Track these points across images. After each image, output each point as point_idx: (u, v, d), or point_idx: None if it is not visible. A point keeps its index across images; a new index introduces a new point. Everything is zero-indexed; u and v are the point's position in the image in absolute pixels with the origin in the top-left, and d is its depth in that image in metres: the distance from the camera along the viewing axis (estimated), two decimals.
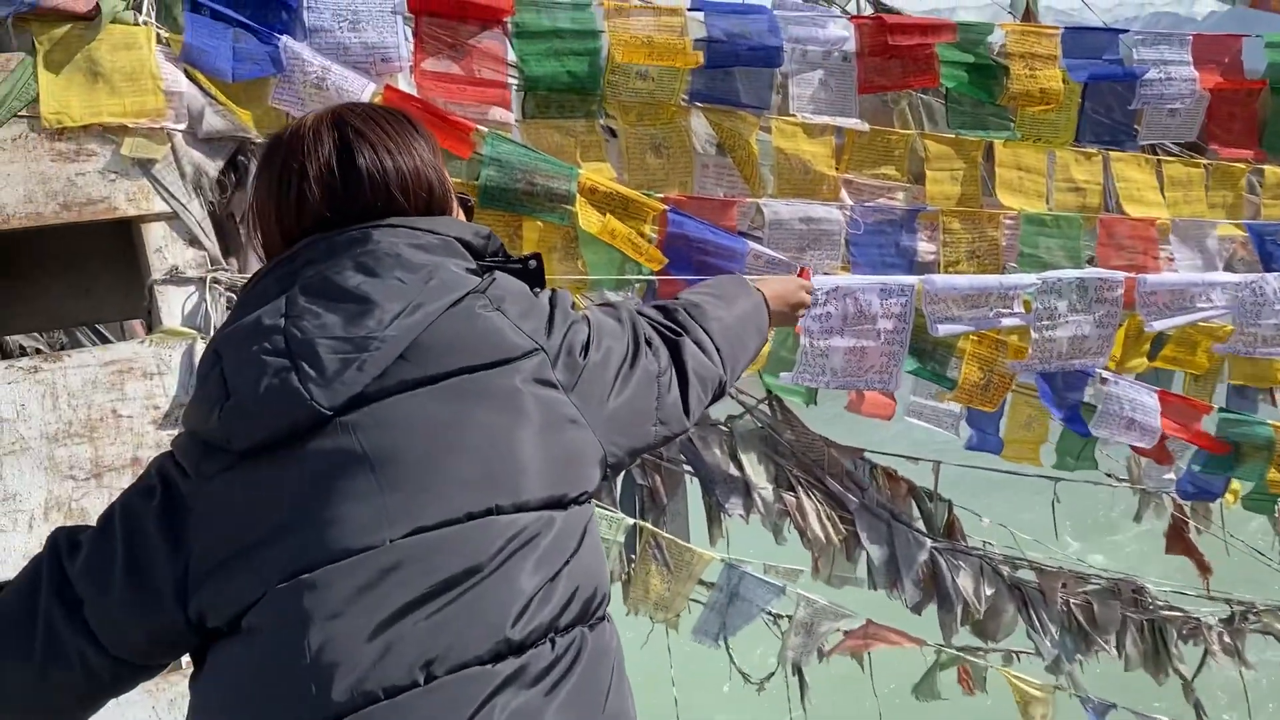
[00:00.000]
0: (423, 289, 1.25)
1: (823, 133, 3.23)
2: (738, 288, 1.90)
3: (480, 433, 1.22)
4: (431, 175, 1.35)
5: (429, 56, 2.78)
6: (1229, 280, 3.10)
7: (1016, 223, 3.32)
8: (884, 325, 2.89)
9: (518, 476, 1.22)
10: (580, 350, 1.35)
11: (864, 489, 3.52)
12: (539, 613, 1.17)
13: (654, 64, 2.99)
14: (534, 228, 2.83)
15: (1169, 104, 3.46)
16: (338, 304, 1.23)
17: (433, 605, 1.14)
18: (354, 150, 1.31)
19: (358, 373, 1.19)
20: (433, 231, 1.31)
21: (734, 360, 1.73)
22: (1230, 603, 4.65)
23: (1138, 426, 3.40)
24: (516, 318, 1.30)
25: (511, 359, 1.26)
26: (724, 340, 1.69)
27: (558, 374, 1.30)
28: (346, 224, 1.29)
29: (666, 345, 1.56)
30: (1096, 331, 3.05)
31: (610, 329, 1.46)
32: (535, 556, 1.19)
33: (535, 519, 1.21)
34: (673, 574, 3.36)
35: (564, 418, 1.29)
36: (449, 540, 1.17)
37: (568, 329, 1.35)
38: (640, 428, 1.43)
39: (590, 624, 1.24)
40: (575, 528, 1.26)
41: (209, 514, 1.19)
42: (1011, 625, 3.80)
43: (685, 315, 1.66)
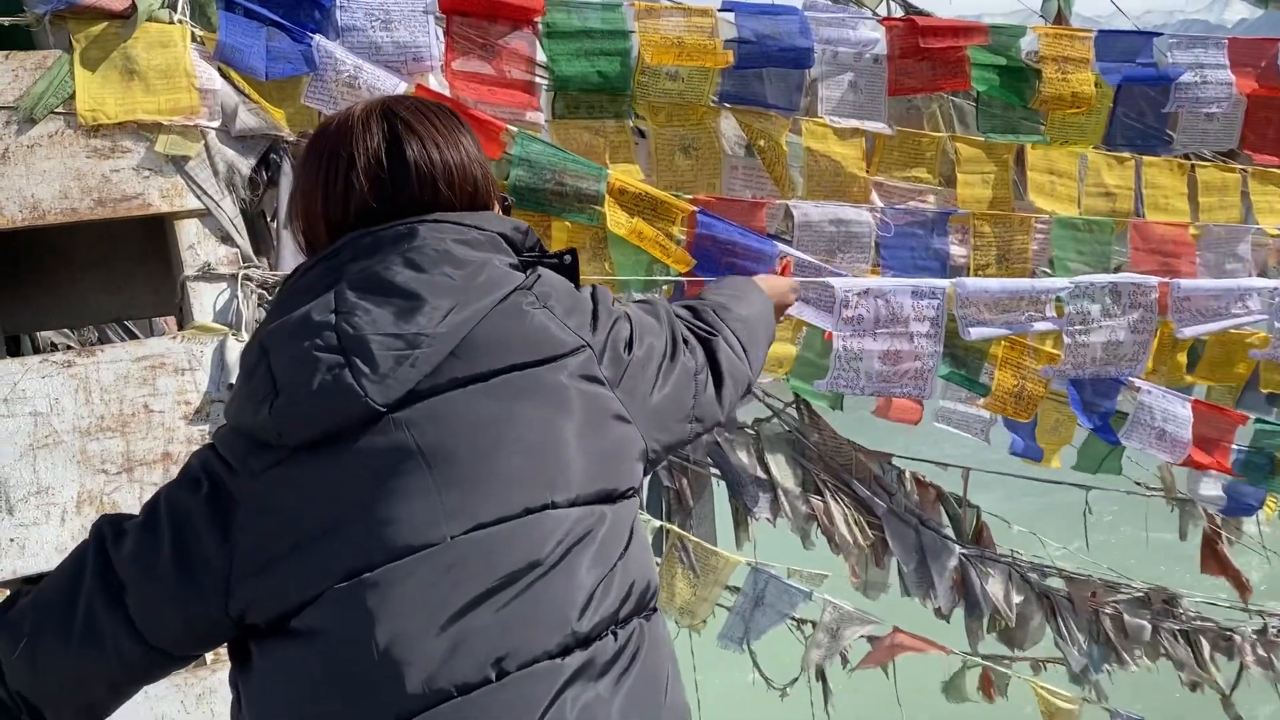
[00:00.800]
0: (471, 285, 1.25)
1: (853, 135, 3.21)
2: (750, 288, 1.92)
3: (531, 429, 1.22)
4: (476, 171, 1.35)
5: (460, 56, 2.78)
6: (1265, 286, 3.05)
7: (1047, 226, 3.29)
8: (917, 328, 2.87)
9: (569, 472, 1.22)
10: (625, 346, 1.36)
11: (892, 494, 3.49)
12: (601, 605, 1.18)
13: (684, 65, 2.99)
14: (563, 228, 2.83)
15: (1205, 108, 3.42)
16: (388, 300, 1.22)
17: (498, 600, 1.14)
18: (403, 142, 1.30)
19: (411, 369, 1.19)
20: (478, 227, 1.30)
21: (756, 359, 1.75)
22: (1264, 615, 4.59)
23: (1169, 439, 3.35)
24: (562, 314, 1.30)
25: (559, 355, 1.27)
26: (747, 339, 1.71)
27: (604, 370, 1.31)
28: (391, 217, 1.29)
29: (701, 344, 1.57)
30: (1131, 338, 3.01)
31: (650, 326, 1.46)
32: (592, 550, 1.20)
33: (588, 514, 1.22)
34: (699, 578, 3.34)
35: (610, 413, 1.29)
36: (508, 536, 1.17)
37: (612, 325, 1.36)
38: (679, 424, 1.44)
39: (646, 615, 1.25)
40: (625, 521, 1.26)
41: (258, 510, 1.18)
42: (1039, 634, 3.75)
43: (714, 315, 1.68)
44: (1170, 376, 3.76)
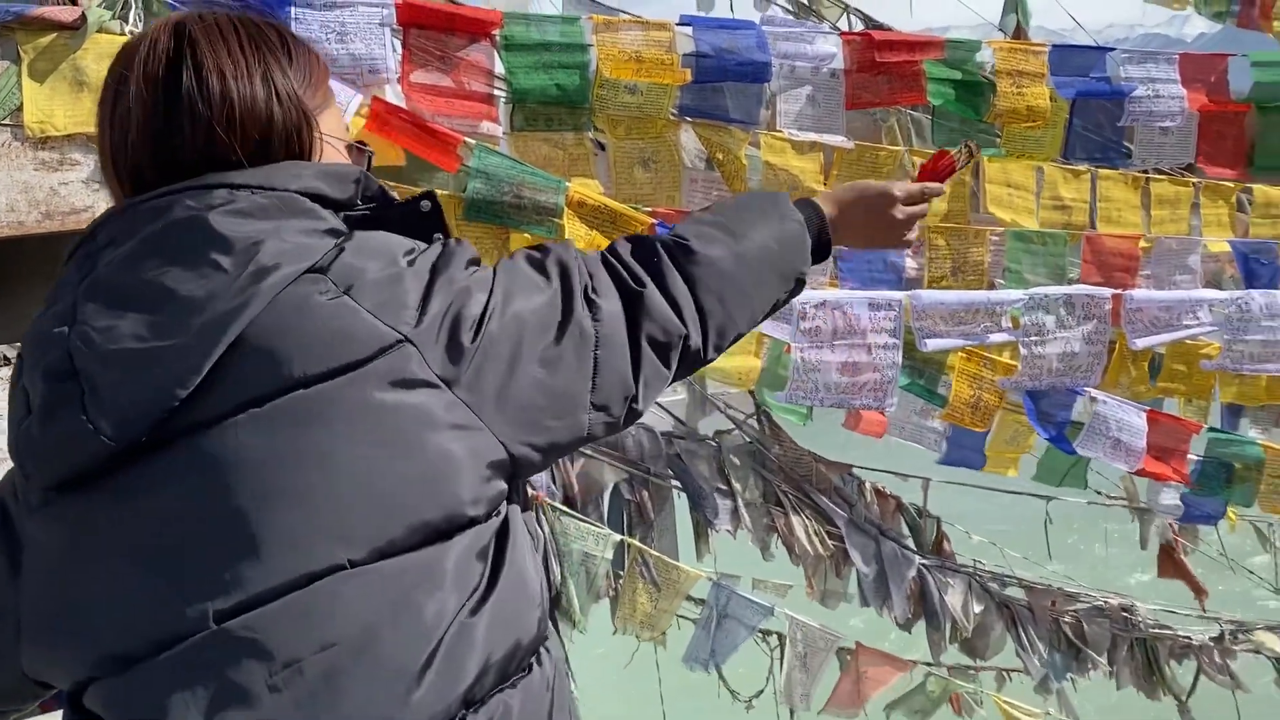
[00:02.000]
0: (240, 274, 0.94)
1: (811, 148, 3.23)
2: (764, 210, 1.39)
3: (323, 466, 0.94)
4: (277, 109, 1.03)
5: (417, 68, 2.78)
6: (1216, 297, 3.10)
7: (1001, 239, 3.33)
8: (875, 340, 2.88)
9: (375, 515, 0.94)
10: (471, 327, 1.02)
11: (852, 505, 3.51)
12: (437, 691, 0.93)
13: (642, 80, 3.00)
14: (521, 240, 2.82)
15: (1158, 121, 3.47)
16: (132, 303, 0.95)
17: (281, 701, 0.90)
18: (182, 67, 1.00)
19: (158, 395, 0.92)
20: (263, 187, 0.99)
21: (725, 315, 1.28)
22: (1220, 621, 4.65)
23: (1124, 448, 3.39)
24: (373, 300, 0.98)
25: (362, 360, 0.96)
26: (714, 289, 1.26)
27: (434, 366, 0.99)
28: (170, 170, 1.00)
29: (622, 299, 1.17)
30: (1086, 349, 3.05)
31: (525, 285, 1.10)
32: (417, 616, 0.93)
33: (407, 566, 0.95)
34: (660, 591, 3.34)
35: (444, 423, 0.99)
36: (288, 612, 0.91)
37: (453, 299, 1.02)
38: (568, 418, 1.09)
39: (515, 682, 1.00)
40: (471, 562, 0.98)
41: (32, 556, 0.98)
42: (1000, 643, 3.78)
43: (664, 256, 1.25)
44: (1134, 389, 3.81)
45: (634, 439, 3.22)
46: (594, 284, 1.16)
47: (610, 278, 1.19)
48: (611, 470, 3.12)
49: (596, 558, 2.99)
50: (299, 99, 1.06)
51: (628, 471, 3.14)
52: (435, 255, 1.06)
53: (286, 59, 1.06)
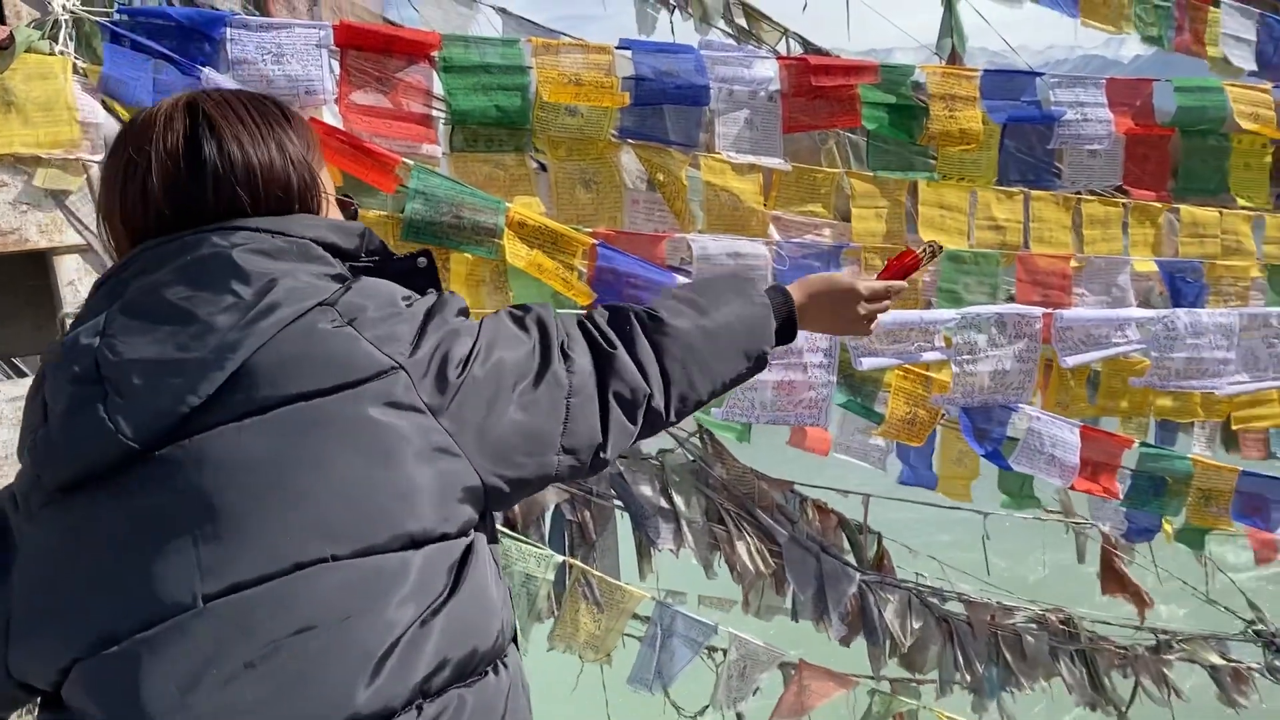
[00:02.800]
0: (259, 303, 1.08)
1: (751, 170, 3.27)
2: (733, 291, 1.53)
3: (315, 469, 1.05)
4: (293, 172, 1.19)
5: (355, 89, 2.77)
6: (1143, 315, 3.18)
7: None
8: (811, 359, 2.92)
9: (360, 517, 1.05)
10: (458, 365, 1.15)
11: (794, 522, 3.54)
12: (398, 677, 1.01)
13: (582, 103, 3.02)
14: (462, 260, 2.83)
15: (1086, 144, 3.56)
16: (159, 321, 1.07)
17: (259, 675, 0.98)
18: (201, 139, 1.15)
19: (174, 401, 1.04)
20: (282, 233, 1.14)
21: (687, 381, 1.41)
22: (1156, 632, 4.74)
23: (1058, 463, 3.46)
24: (373, 331, 1.12)
25: (359, 380, 1.09)
26: (678, 357, 1.40)
27: (423, 394, 1.11)
28: (190, 226, 1.14)
29: (594, 359, 1.32)
30: (1017, 366, 3.11)
31: (507, 338, 1.24)
32: (386, 610, 1.03)
33: (383, 565, 1.05)
34: (604, 612, 3.34)
35: (428, 446, 1.10)
36: (272, 597, 1.01)
37: (442, 339, 1.16)
38: (538, 457, 1.22)
39: (470, 682, 1.09)
40: (438, 570, 1.09)
41: (28, 556, 1.07)
42: (939, 657, 3.83)
43: (635, 324, 1.39)
44: (1074, 408, 3.89)
45: None
46: (569, 341, 1.31)
47: (584, 338, 1.34)
48: (553, 491, 3.12)
49: (538, 579, 2.99)
50: (308, 162, 1.22)
51: (569, 492, 3.14)
52: (430, 302, 1.21)
53: (290, 128, 1.22)
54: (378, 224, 2.75)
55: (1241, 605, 4.95)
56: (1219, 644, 4.87)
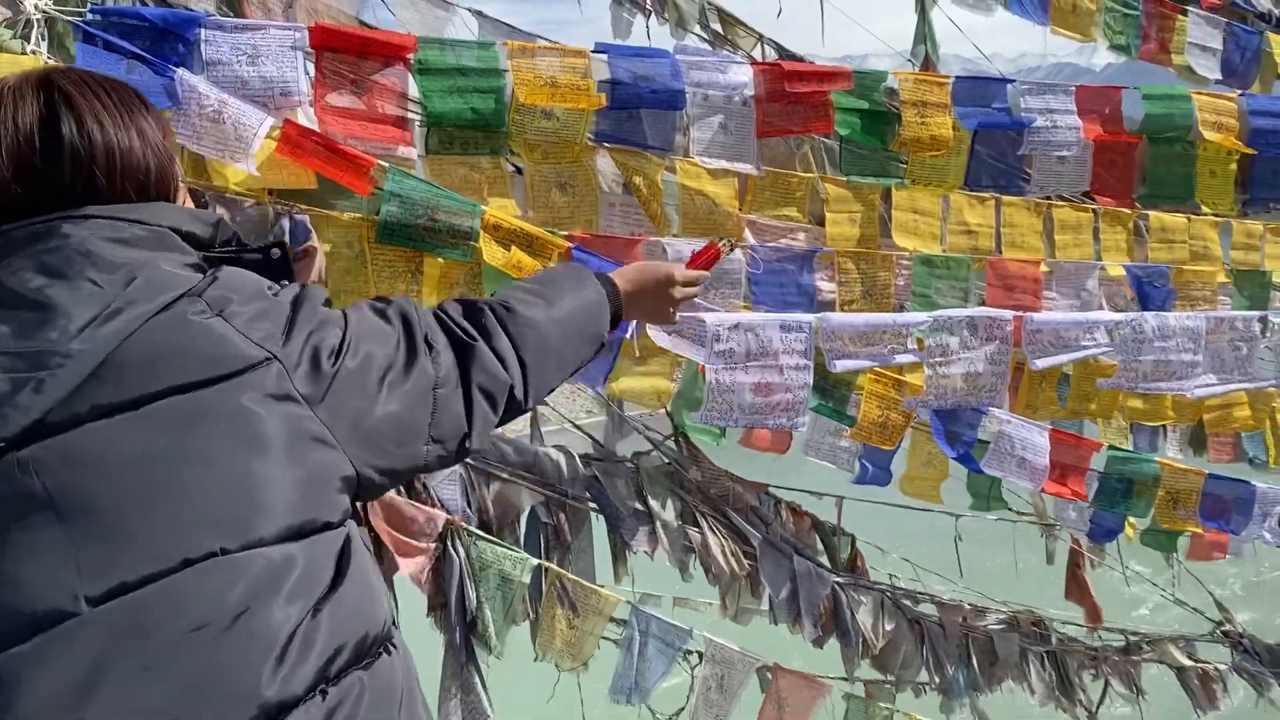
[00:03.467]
0: (121, 292, 1.05)
1: (726, 174, 3.30)
2: (573, 281, 1.62)
3: (193, 463, 1.02)
4: (152, 158, 1.17)
5: (330, 91, 2.77)
6: (1112, 319, 3.23)
7: (910, 263, 3.42)
8: (786, 361, 2.94)
9: (246, 510, 1.03)
10: (330, 356, 1.16)
11: (768, 524, 3.56)
12: (300, 665, 1.00)
13: (557, 105, 3.03)
14: (435, 264, 2.83)
15: (1056, 151, 3.61)
16: (12, 312, 1.02)
17: (157, 678, 0.94)
18: (59, 118, 1.10)
19: (34, 396, 0.99)
20: (140, 222, 1.12)
21: (542, 370, 1.47)
22: (1125, 634, 4.80)
23: (1028, 466, 3.50)
24: (244, 322, 1.10)
25: (235, 372, 1.07)
26: (534, 347, 1.46)
27: (298, 385, 1.11)
28: (43, 210, 1.09)
29: (455, 351, 1.35)
30: (989, 369, 3.14)
31: (373, 331, 1.25)
32: (280, 600, 1.02)
33: (273, 556, 1.03)
34: (579, 616, 3.34)
35: (306, 435, 1.10)
36: (164, 596, 0.97)
37: (312, 330, 1.16)
38: (408, 447, 1.24)
39: (367, 664, 1.09)
40: (326, 559, 1.09)
41: None
42: (911, 658, 3.86)
43: (490, 317, 1.43)
44: (1046, 410, 3.94)
45: (551, 461, 3.23)
46: (430, 335, 1.33)
47: (444, 331, 1.36)
48: (528, 493, 3.13)
49: (513, 582, 2.99)
50: (167, 149, 1.21)
51: (544, 494, 3.15)
52: (295, 293, 1.20)
53: (148, 112, 1.19)
54: (352, 227, 2.75)
55: (1210, 606, 5.03)
56: (1187, 645, 4.94)
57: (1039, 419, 3.72)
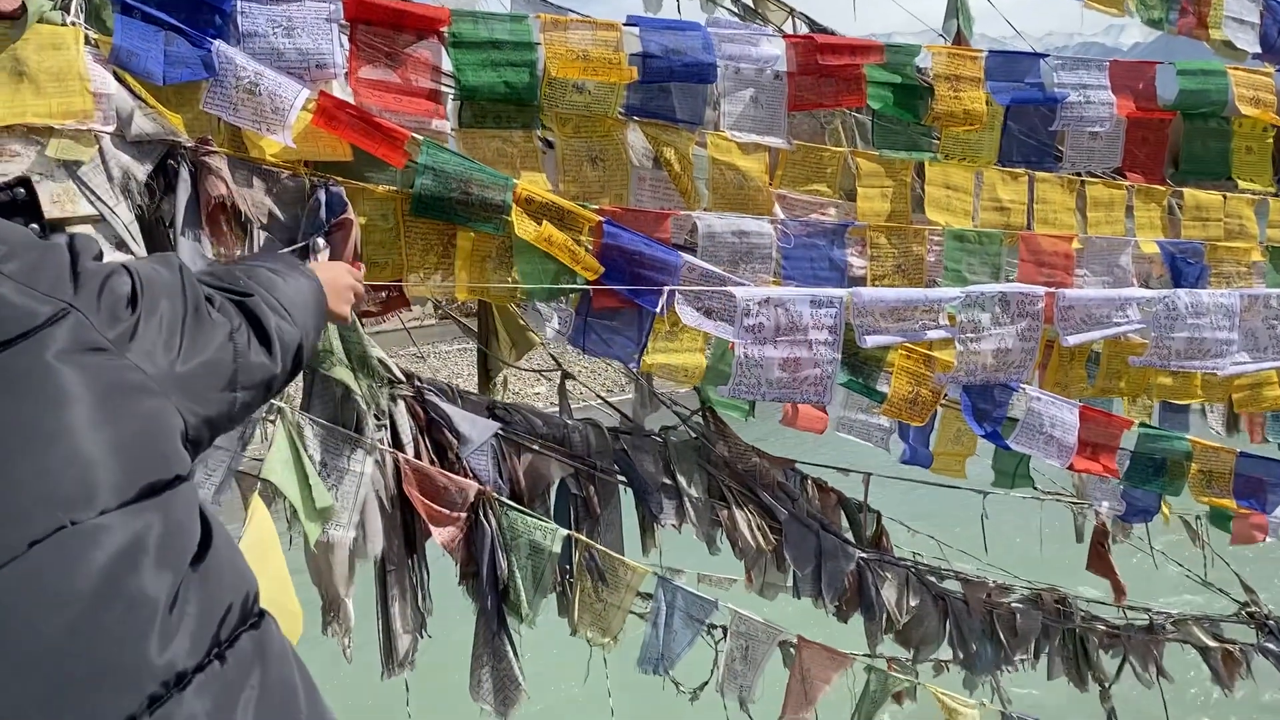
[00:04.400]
0: None
1: (757, 148, 3.29)
2: (291, 268, 1.60)
3: (20, 435, 0.92)
4: None
5: (365, 64, 2.78)
6: (1144, 295, 3.21)
7: (942, 238, 3.41)
8: (816, 336, 2.94)
9: (84, 476, 0.93)
10: (126, 303, 1.07)
11: (794, 499, 3.57)
12: (189, 630, 0.92)
13: (589, 79, 3.02)
14: (468, 237, 2.84)
15: (1089, 126, 3.57)
16: None
17: (32, 673, 0.84)
18: None
19: None
20: None
21: (290, 344, 1.42)
22: (1149, 613, 4.79)
23: (1056, 443, 3.49)
24: (25, 275, 0.98)
25: (33, 329, 0.95)
26: (282, 311, 1.43)
27: (103, 332, 1.02)
28: None
29: (235, 305, 1.32)
30: (1019, 345, 3.14)
31: (161, 282, 1.17)
32: (149, 564, 0.93)
33: (132, 518, 0.94)
34: (608, 587, 3.37)
35: (128, 385, 1.02)
36: (18, 582, 0.87)
37: (104, 279, 1.07)
38: (223, 394, 1.19)
39: (254, 624, 1.03)
40: (188, 514, 1.01)
41: None
42: (934, 634, 3.87)
43: (247, 280, 1.41)
44: (1074, 389, 3.92)
45: (581, 434, 3.25)
46: (208, 291, 1.29)
47: (214, 289, 1.32)
48: (558, 465, 3.15)
49: (544, 551, 3.01)
50: None
51: (574, 466, 3.17)
52: (66, 240, 1.10)
53: None
54: (387, 199, 2.76)
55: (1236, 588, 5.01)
56: (1212, 625, 4.93)
57: (1068, 397, 3.71)
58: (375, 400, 2.72)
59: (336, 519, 2.64)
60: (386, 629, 2.87)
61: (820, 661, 3.69)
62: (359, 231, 2.65)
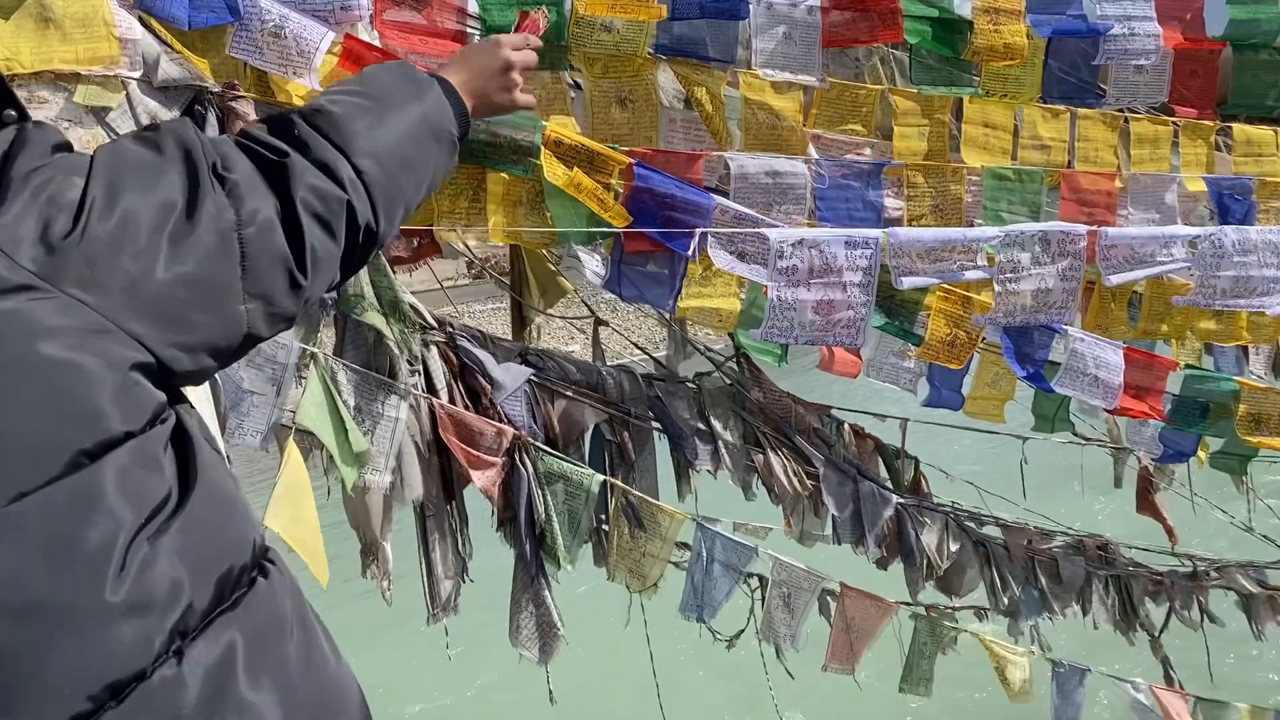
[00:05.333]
0: None
1: (790, 87, 3.22)
2: (401, 81, 1.34)
3: None
4: None
5: (390, 6, 2.74)
6: (1189, 233, 3.12)
7: (980, 178, 3.33)
8: (850, 278, 2.89)
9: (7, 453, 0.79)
10: (69, 217, 0.89)
11: (831, 445, 3.54)
12: (135, 623, 0.79)
13: (618, 16, 2.96)
14: (498, 180, 2.81)
15: (1133, 60, 3.46)
16: None
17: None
18: None
19: None
20: None
21: (389, 180, 1.18)
22: (1194, 559, 4.73)
23: (1101, 385, 3.42)
24: None
25: None
26: (369, 150, 1.17)
27: (29, 265, 0.85)
28: None
29: (264, 174, 1.07)
30: (1060, 285, 3.07)
31: (135, 169, 0.98)
32: (75, 547, 0.79)
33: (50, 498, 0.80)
34: (645, 532, 3.37)
35: (59, 330, 0.84)
36: None
37: (41, 186, 0.89)
38: (217, 311, 0.98)
39: (236, 601, 0.87)
40: (135, 475, 0.84)
41: None
42: (975, 581, 3.84)
43: (303, 126, 1.15)
44: (1115, 331, 3.84)
45: (614, 381, 3.23)
46: (225, 163, 1.05)
47: (244, 154, 1.09)
48: (592, 411, 3.13)
49: (580, 496, 3.01)
50: None
51: (608, 412, 3.15)
52: (7, 139, 0.93)
53: None
54: None
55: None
56: (1256, 572, 4.86)
57: (1108, 339, 3.63)
58: (408, 345, 2.72)
59: (373, 463, 2.64)
60: (429, 574, 2.89)
61: (864, 610, 3.67)
62: None
